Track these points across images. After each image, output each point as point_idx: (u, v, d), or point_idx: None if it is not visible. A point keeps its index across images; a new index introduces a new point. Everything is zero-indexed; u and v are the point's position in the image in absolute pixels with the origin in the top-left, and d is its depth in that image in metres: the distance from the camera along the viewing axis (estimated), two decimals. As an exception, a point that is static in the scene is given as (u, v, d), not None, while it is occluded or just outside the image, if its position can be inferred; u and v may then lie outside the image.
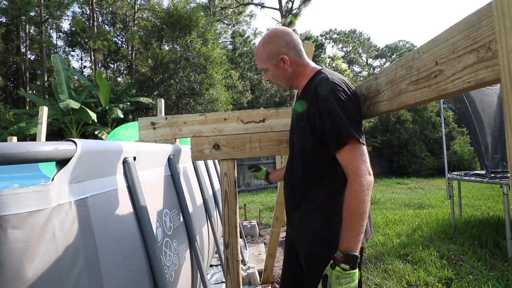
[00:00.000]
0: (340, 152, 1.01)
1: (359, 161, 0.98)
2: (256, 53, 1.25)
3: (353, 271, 0.92)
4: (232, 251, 1.69)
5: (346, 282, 0.92)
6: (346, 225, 0.95)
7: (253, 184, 11.51)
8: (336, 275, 0.92)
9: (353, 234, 0.94)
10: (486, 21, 0.56)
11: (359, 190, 0.94)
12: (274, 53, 1.19)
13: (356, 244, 0.93)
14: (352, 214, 0.94)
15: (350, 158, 0.99)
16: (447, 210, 5.25)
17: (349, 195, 0.96)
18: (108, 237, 0.92)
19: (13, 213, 0.63)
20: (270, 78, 1.25)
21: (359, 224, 0.94)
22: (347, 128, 0.99)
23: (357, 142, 1.00)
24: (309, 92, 1.12)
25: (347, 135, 0.99)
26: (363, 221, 0.94)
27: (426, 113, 14.52)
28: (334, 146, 1.02)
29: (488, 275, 2.62)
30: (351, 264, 0.92)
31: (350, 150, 1.00)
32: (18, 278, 0.62)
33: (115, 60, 19.25)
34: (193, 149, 1.82)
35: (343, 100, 1.03)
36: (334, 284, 0.92)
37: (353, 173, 0.97)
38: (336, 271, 0.92)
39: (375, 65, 33.61)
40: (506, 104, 0.50)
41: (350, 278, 0.92)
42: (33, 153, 0.68)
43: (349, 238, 0.94)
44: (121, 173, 1.11)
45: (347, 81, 1.14)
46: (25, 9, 13.41)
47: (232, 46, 19.50)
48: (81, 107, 9.69)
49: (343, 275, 0.92)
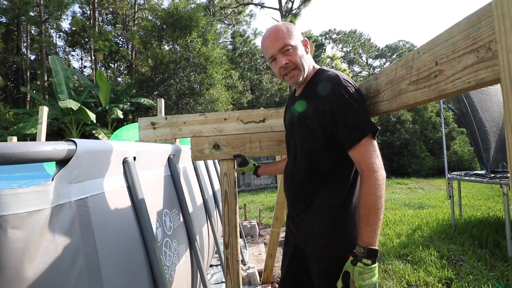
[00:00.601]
0: (354, 148, 1.00)
1: (373, 156, 0.98)
2: (278, 32, 1.10)
3: (374, 265, 0.92)
4: (232, 251, 1.69)
5: (369, 277, 0.91)
6: (365, 220, 0.95)
7: (253, 184, 11.52)
8: (358, 271, 0.91)
9: (372, 229, 0.94)
10: (486, 21, 0.56)
11: (375, 186, 0.95)
12: (298, 34, 1.14)
13: (375, 238, 0.94)
14: (371, 209, 0.94)
15: (364, 154, 0.98)
16: (447, 210, 5.25)
17: (366, 191, 0.95)
18: (108, 237, 0.92)
19: (13, 213, 0.63)
20: (294, 57, 1.10)
21: (377, 219, 0.94)
22: (364, 123, 0.99)
23: (371, 137, 1.00)
24: (316, 89, 1.09)
25: (364, 130, 0.99)
26: (381, 216, 0.95)
27: (426, 113, 14.53)
28: (350, 141, 1.00)
29: (488, 275, 2.62)
30: (373, 258, 0.92)
31: (364, 146, 0.99)
32: (18, 278, 0.62)
33: (115, 60, 19.25)
34: (193, 149, 1.82)
35: (355, 96, 1.03)
36: (358, 280, 0.90)
37: (368, 168, 0.97)
38: (358, 267, 0.91)
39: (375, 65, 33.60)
40: (506, 104, 0.50)
41: (372, 273, 0.92)
42: (33, 153, 0.68)
43: (369, 233, 0.94)
44: (121, 173, 1.11)
45: (350, 78, 1.14)
46: (25, 8, 13.41)
47: (232, 46, 19.51)
48: (80, 107, 9.69)
49: (365, 270, 0.91)
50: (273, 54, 1.12)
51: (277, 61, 1.12)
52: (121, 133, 4.03)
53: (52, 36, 18.67)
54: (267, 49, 1.13)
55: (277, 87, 15.57)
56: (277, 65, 1.12)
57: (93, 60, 18.01)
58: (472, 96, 4.15)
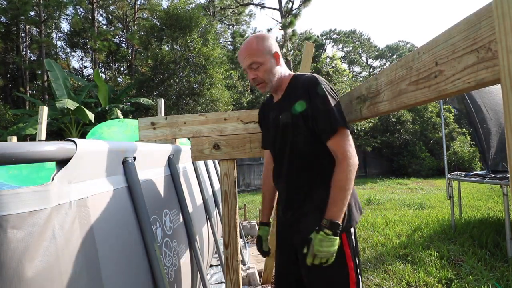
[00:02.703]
0: (331, 139, 1.13)
1: (348, 145, 1.12)
2: (249, 48, 1.24)
3: (335, 237, 1.05)
4: (232, 251, 1.69)
5: (327, 246, 1.04)
6: (333, 199, 1.08)
7: (253, 184, 11.52)
8: (319, 239, 1.05)
9: (338, 205, 1.07)
10: (486, 21, 0.56)
11: (347, 170, 1.09)
12: (269, 48, 1.26)
13: (339, 214, 1.07)
14: (341, 189, 1.08)
15: (340, 143, 1.12)
16: (447, 211, 5.25)
17: (339, 174, 1.09)
18: (108, 237, 0.92)
19: (13, 213, 0.63)
20: (261, 73, 1.24)
21: (345, 198, 1.08)
22: (339, 116, 1.13)
23: (345, 128, 1.14)
24: (297, 91, 1.23)
25: (339, 122, 1.12)
26: (348, 196, 1.09)
27: (426, 113, 14.53)
28: (327, 132, 1.14)
29: (488, 275, 2.62)
30: (334, 230, 1.05)
31: (340, 136, 1.13)
32: (18, 278, 0.62)
33: (115, 60, 19.25)
34: (193, 149, 1.82)
35: (331, 92, 1.18)
36: (316, 246, 1.04)
37: (342, 156, 1.11)
38: (320, 235, 1.05)
39: (375, 65, 33.64)
40: (506, 104, 0.50)
41: (331, 243, 1.05)
42: (33, 153, 0.68)
43: (335, 209, 1.07)
44: (121, 173, 1.11)
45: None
46: (24, 8, 13.40)
47: (232, 46, 19.50)
48: (79, 107, 9.67)
49: (325, 239, 1.04)
50: (244, 68, 1.29)
51: (248, 73, 1.29)
52: (100, 130, 3.44)
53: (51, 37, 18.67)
54: (240, 62, 1.30)
55: (277, 87, 15.55)
56: (248, 76, 1.30)
57: (93, 60, 18.00)
58: (474, 95, 4.14)
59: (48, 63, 10.91)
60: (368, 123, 14.92)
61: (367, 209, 6.07)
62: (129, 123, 3.35)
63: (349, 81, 16.89)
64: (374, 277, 2.78)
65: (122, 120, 3.39)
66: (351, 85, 15.58)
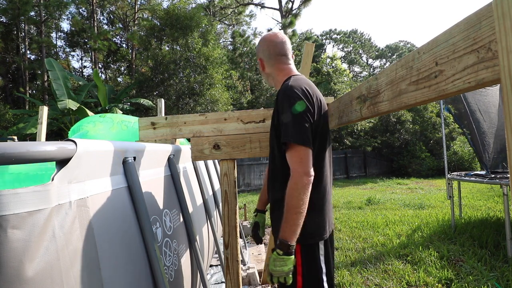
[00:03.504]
0: (286, 153, 1.13)
1: (296, 163, 1.09)
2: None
3: (287, 256, 1.07)
4: (232, 251, 1.69)
5: (280, 265, 1.07)
6: (284, 217, 1.09)
7: (253, 184, 11.52)
8: (273, 258, 1.09)
9: (288, 225, 1.07)
10: (486, 21, 0.56)
11: (293, 188, 1.07)
12: (257, 54, 1.41)
13: (290, 234, 1.07)
14: (288, 208, 1.07)
15: (290, 160, 1.12)
16: (447, 211, 5.25)
17: (287, 192, 1.09)
18: (108, 237, 0.92)
19: (13, 213, 0.63)
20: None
21: (292, 218, 1.06)
22: (293, 131, 1.10)
23: (297, 145, 1.10)
24: (276, 98, 1.26)
25: (288, 138, 1.10)
26: (297, 215, 1.06)
27: (426, 113, 14.53)
28: (283, 146, 1.15)
29: (488, 275, 2.62)
30: (284, 250, 1.07)
31: (291, 153, 1.11)
32: (18, 278, 0.62)
33: (115, 60, 19.25)
34: (193, 149, 1.82)
35: (295, 106, 1.12)
36: (271, 265, 1.10)
37: (292, 173, 1.10)
38: (273, 254, 1.09)
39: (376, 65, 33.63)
40: (506, 104, 0.50)
41: (283, 262, 1.07)
42: (33, 153, 0.68)
43: (285, 228, 1.08)
44: (121, 173, 1.11)
45: (308, 88, 1.20)
46: (24, 8, 13.40)
47: (232, 46, 19.50)
48: (79, 107, 9.68)
49: (277, 258, 1.08)
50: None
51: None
52: (85, 127, 3.04)
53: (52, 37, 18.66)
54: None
55: (277, 87, 15.55)
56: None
57: (93, 60, 18.00)
58: (469, 97, 4.15)
59: (48, 62, 10.90)
60: (368, 123, 14.92)
61: (367, 209, 6.07)
62: (113, 119, 3.02)
63: (349, 81, 16.89)
64: (374, 277, 2.78)
65: (104, 115, 3.07)
66: (351, 85, 15.58)
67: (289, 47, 1.37)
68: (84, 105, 10.78)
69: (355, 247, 3.65)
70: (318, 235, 1.21)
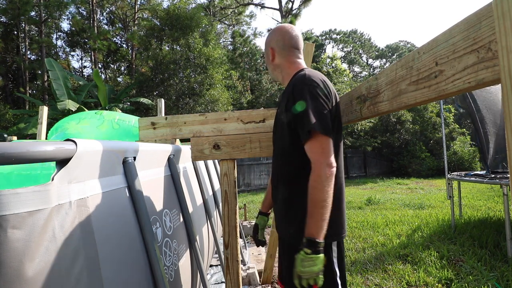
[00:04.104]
0: (306, 145, 1.08)
1: (319, 153, 1.04)
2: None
3: (315, 255, 1.00)
4: (232, 251, 1.69)
5: (309, 265, 1.00)
6: (309, 213, 1.03)
7: (253, 184, 11.52)
8: (300, 259, 1.01)
9: (314, 221, 1.01)
10: (486, 21, 0.56)
11: (317, 181, 1.02)
12: (268, 44, 1.35)
13: (317, 231, 1.01)
14: (313, 203, 1.02)
15: (312, 151, 1.06)
16: (447, 211, 5.25)
17: (310, 185, 1.03)
18: (108, 237, 0.92)
19: (13, 213, 0.63)
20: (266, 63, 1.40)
21: (319, 212, 1.01)
22: (314, 122, 1.05)
23: (320, 135, 1.05)
24: (288, 89, 1.21)
25: (313, 128, 1.04)
26: (323, 209, 1.01)
27: (426, 113, 14.53)
28: (303, 138, 1.09)
29: (488, 275, 2.62)
30: (313, 249, 1.00)
31: (313, 143, 1.06)
32: (18, 278, 0.62)
33: (115, 60, 19.24)
34: (193, 149, 1.82)
35: (314, 94, 1.09)
36: (298, 266, 1.01)
37: (314, 165, 1.04)
38: (300, 255, 1.01)
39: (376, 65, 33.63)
40: (506, 104, 0.50)
41: (313, 262, 1.00)
42: (33, 153, 0.68)
43: (311, 225, 1.02)
44: (121, 173, 1.11)
45: (325, 80, 1.18)
46: (24, 8, 13.39)
47: (232, 46, 19.50)
48: (79, 107, 9.68)
49: (306, 259, 1.00)
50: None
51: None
52: (67, 125, 2.82)
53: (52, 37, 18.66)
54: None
55: (277, 87, 15.56)
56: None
57: (93, 60, 18.00)
58: (475, 95, 4.14)
59: (48, 62, 10.90)
60: (368, 123, 14.91)
61: (367, 209, 6.07)
62: (108, 117, 2.85)
63: (349, 81, 16.89)
64: (374, 277, 2.78)
65: (100, 112, 2.85)
66: (351, 85, 15.58)
67: (302, 43, 1.36)
68: (84, 105, 10.78)
69: (355, 247, 3.65)
70: (336, 234, 1.16)
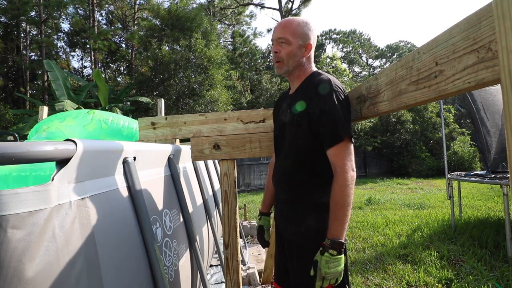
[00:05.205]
0: (331, 149, 1.10)
1: (346, 158, 1.09)
2: (288, 24, 1.23)
3: (340, 256, 1.04)
4: (232, 251, 1.69)
5: (334, 266, 1.03)
6: (333, 215, 1.06)
7: (253, 184, 11.51)
8: (325, 260, 1.03)
9: (339, 223, 1.05)
10: (486, 21, 0.56)
11: (344, 185, 1.05)
12: (306, 36, 1.24)
13: (342, 232, 1.05)
14: (339, 206, 1.05)
15: (339, 156, 1.09)
16: (447, 211, 5.25)
17: (336, 189, 1.06)
18: (108, 237, 0.92)
19: (13, 213, 0.63)
20: (284, 51, 1.22)
21: (344, 215, 1.05)
22: (344, 127, 1.09)
23: (348, 141, 1.11)
24: (309, 90, 1.20)
25: (343, 133, 1.09)
26: (348, 212, 1.06)
27: (426, 113, 14.53)
28: (329, 142, 1.11)
29: (488, 275, 2.62)
30: (338, 250, 1.03)
31: (340, 148, 1.09)
32: (18, 278, 0.62)
33: (115, 60, 19.24)
34: (193, 149, 1.82)
35: (341, 100, 1.13)
36: (324, 268, 1.02)
37: (340, 169, 1.07)
38: (325, 256, 1.03)
39: (375, 65, 33.62)
40: (506, 104, 0.50)
41: (338, 262, 1.03)
42: (33, 153, 0.68)
43: (336, 227, 1.05)
44: (121, 173, 1.11)
45: (342, 85, 1.21)
46: (24, 8, 13.38)
47: (232, 46, 19.50)
48: (78, 107, 9.68)
49: (331, 260, 1.02)
50: (273, 39, 1.27)
51: (273, 45, 1.28)
52: (50, 123, 2.67)
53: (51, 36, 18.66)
54: (274, 32, 1.28)
55: (276, 87, 15.57)
56: (272, 48, 1.28)
57: (93, 60, 18.00)
58: (474, 95, 4.14)
59: (47, 63, 10.90)
60: (368, 123, 14.91)
61: (367, 209, 6.07)
62: (100, 116, 2.71)
63: (349, 81, 16.88)
64: (374, 277, 2.78)
65: (92, 111, 2.71)
66: (351, 85, 15.57)
67: None
68: (84, 105, 10.77)
69: (355, 247, 3.65)
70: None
